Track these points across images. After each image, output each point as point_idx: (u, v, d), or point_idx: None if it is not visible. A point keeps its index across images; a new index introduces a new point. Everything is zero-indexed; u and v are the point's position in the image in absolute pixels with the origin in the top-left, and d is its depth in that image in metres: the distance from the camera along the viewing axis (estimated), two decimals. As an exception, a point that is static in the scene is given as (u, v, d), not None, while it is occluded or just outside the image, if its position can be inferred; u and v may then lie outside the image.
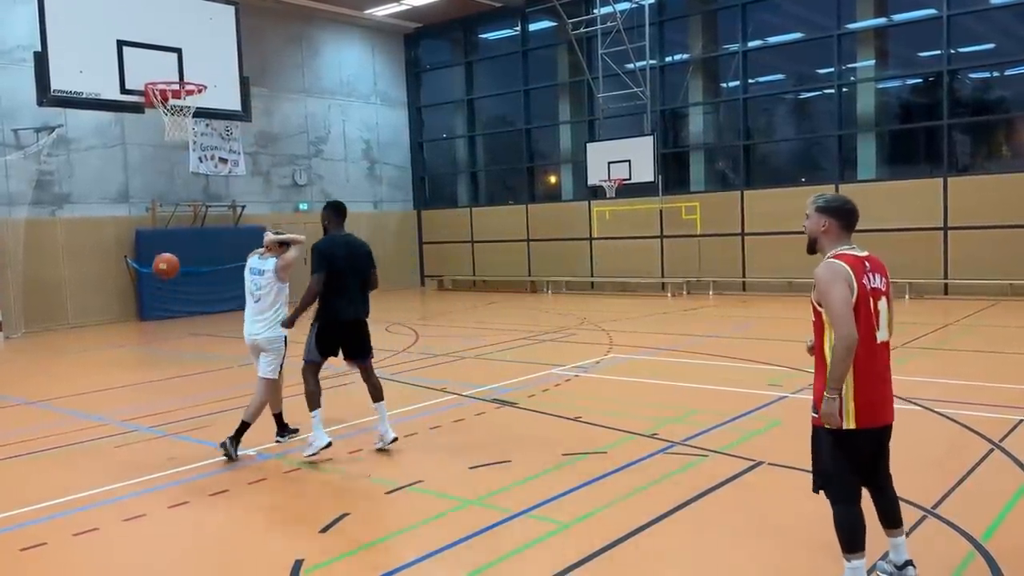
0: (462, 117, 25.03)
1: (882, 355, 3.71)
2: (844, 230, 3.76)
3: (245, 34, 9.25)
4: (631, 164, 18.80)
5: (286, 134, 22.14)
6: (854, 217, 3.78)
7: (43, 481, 6.42)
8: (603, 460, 6.22)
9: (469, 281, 24.38)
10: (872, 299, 3.64)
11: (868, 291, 3.63)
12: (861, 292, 3.60)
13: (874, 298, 3.65)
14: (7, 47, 16.64)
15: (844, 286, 3.56)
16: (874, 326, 3.64)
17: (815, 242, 3.86)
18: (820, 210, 3.80)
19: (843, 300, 3.54)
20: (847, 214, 3.75)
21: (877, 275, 3.71)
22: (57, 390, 10.38)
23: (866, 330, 3.60)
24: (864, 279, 3.64)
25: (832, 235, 3.77)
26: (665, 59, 20.95)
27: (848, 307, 3.54)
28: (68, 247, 17.71)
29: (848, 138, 18.59)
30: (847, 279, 3.58)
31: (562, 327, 14.42)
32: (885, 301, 3.72)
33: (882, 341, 3.70)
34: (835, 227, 3.76)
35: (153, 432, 7.82)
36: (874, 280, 3.68)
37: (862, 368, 3.60)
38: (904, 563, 3.91)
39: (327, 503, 5.54)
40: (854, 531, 3.70)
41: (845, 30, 18.28)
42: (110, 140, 18.46)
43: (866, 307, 3.61)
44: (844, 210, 3.76)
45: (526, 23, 23.09)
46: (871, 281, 3.67)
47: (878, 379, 3.68)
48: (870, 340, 3.62)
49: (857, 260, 3.67)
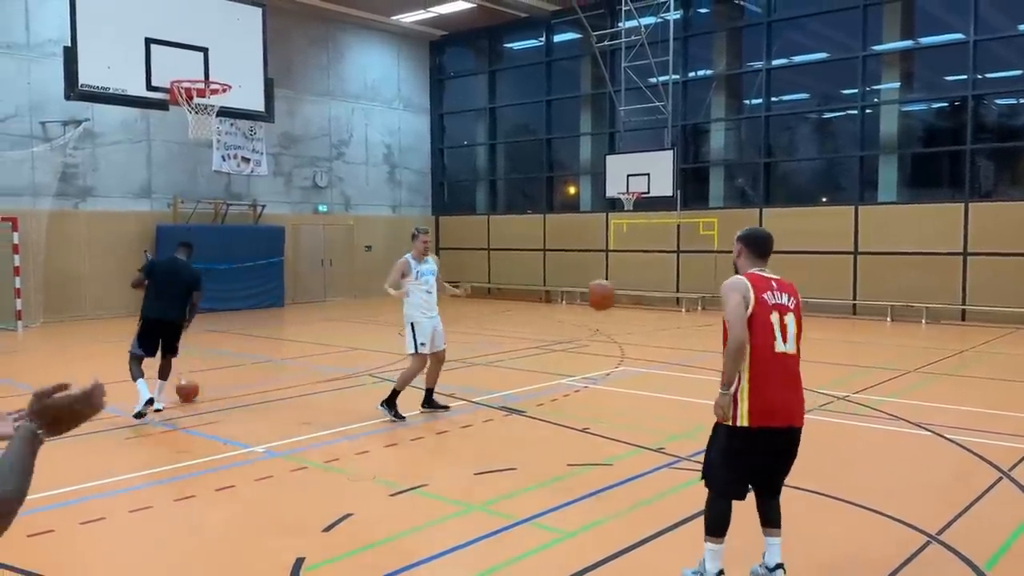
0: (483, 125, 25.14)
1: (783, 364, 4.04)
2: (757, 256, 4.28)
3: (271, 35, 9.36)
4: (650, 178, 18.80)
5: (309, 136, 22.32)
6: (766, 245, 4.31)
7: (53, 469, 6.48)
8: (608, 472, 6.22)
9: (484, 288, 24.42)
10: (778, 313, 4.04)
11: (769, 305, 4.03)
12: (760, 306, 4.01)
13: (779, 312, 4.05)
14: (38, 40, 16.91)
15: (739, 297, 4.01)
16: (773, 336, 4.01)
17: (735, 265, 4.34)
18: (737, 239, 4.35)
19: (735, 308, 3.99)
20: (758, 243, 4.30)
21: (784, 294, 4.13)
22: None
23: (763, 339, 3.99)
24: (765, 295, 4.06)
25: (744, 259, 4.28)
26: (688, 74, 20.95)
27: (739, 315, 3.97)
28: (89, 240, 17.92)
29: (870, 159, 18.51)
30: (744, 292, 4.02)
31: (574, 338, 14.42)
32: (792, 317, 4.09)
33: (782, 352, 4.03)
34: (747, 253, 4.28)
35: (164, 426, 7.90)
36: (779, 297, 4.09)
37: (757, 373, 3.97)
38: (776, 566, 4.18)
39: (331, 503, 5.57)
40: (721, 521, 4.14)
41: (870, 51, 18.22)
42: (135, 135, 18.68)
43: (763, 319, 4.00)
44: (754, 239, 4.31)
45: (551, 34, 23.19)
46: (774, 298, 4.07)
47: (776, 385, 4.00)
48: (767, 348, 4.00)
49: (763, 279, 4.13)
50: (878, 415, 8.20)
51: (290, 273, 21.35)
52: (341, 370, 10.98)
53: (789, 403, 4.05)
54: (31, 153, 16.78)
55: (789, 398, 4.05)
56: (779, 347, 4.01)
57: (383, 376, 10.53)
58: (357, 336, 15.02)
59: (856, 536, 4.98)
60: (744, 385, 3.97)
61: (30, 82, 16.83)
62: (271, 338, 15.00)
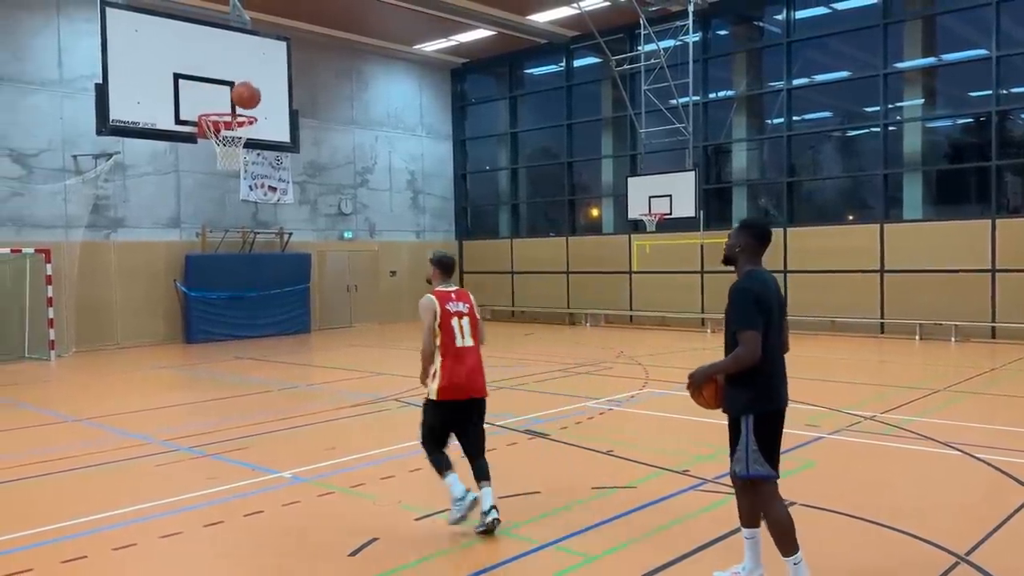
0: (505, 150, 25.35)
1: (466, 354, 5.57)
2: (444, 275, 5.74)
3: (297, 67, 9.56)
4: (672, 199, 18.80)
5: (334, 164, 22.65)
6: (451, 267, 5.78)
7: (86, 496, 6.62)
8: (632, 495, 6.22)
9: (508, 312, 24.50)
10: (456, 318, 5.56)
11: (451, 313, 5.55)
12: (444, 314, 5.53)
13: (457, 317, 5.57)
14: (71, 77, 17.39)
15: (430, 313, 5.53)
16: (455, 335, 5.52)
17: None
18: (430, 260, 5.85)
19: (427, 321, 5.52)
20: (444, 265, 5.75)
21: (460, 302, 5.64)
22: (103, 408, 10.69)
23: (449, 337, 5.51)
24: (448, 305, 5.57)
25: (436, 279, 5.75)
26: (708, 95, 21.03)
27: (428, 327, 5.51)
28: (120, 269, 18.27)
29: (894, 177, 18.41)
30: (434, 308, 5.54)
31: (599, 360, 14.42)
32: (468, 319, 5.61)
33: (463, 346, 5.55)
34: (438, 273, 5.74)
35: (193, 452, 8.01)
36: (458, 305, 5.61)
37: (446, 363, 5.49)
38: (490, 508, 5.38)
39: (357, 527, 5.63)
40: (439, 463, 5.60)
41: (893, 69, 18.18)
42: (164, 167, 19.08)
43: (447, 323, 5.52)
44: (442, 263, 5.75)
45: (571, 59, 23.39)
46: (454, 307, 5.59)
47: (460, 369, 5.51)
48: (452, 344, 5.52)
49: (445, 294, 5.63)
50: (906, 435, 8.12)
51: (316, 299, 21.59)
52: (366, 395, 11.07)
53: (472, 382, 5.56)
54: (64, 186, 17.21)
55: (470, 378, 5.54)
56: (459, 342, 5.54)
57: (408, 401, 10.60)
58: (382, 361, 15.13)
59: (883, 557, 4.94)
60: (437, 371, 5.49)
61: (63, 117, 17.29)
62: (298, 364, 15.16)
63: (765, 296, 4.24)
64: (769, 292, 4.28)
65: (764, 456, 4.22)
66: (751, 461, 4.22)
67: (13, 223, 16.71)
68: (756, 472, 4.23)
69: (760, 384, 4.21)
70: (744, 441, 4.23)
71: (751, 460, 4.22)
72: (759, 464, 4.21)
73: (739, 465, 4.27)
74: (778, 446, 4.31)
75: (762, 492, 4.29)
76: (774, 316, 4.25)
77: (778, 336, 4.29)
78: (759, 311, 4.17)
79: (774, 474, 4.27)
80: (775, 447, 4.28)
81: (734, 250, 4.39)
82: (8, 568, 4.93)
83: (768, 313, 4.21)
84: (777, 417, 4.29)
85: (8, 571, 4.89)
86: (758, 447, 4.21)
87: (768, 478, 4.26)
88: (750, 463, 4.22)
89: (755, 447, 4.21)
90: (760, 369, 4.16)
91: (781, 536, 4.23)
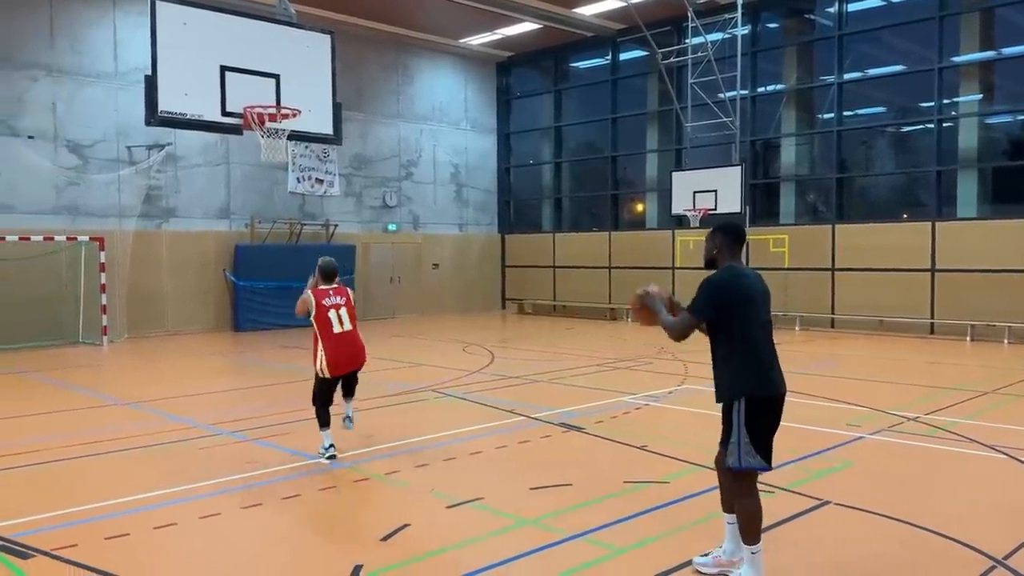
0: (549, 144, 25.32)
1: (342, 338, 7.16)
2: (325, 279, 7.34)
3: (344, 60, 9.70)
4: (717, 194, 18.61)
5: (379, 157, 22.87)
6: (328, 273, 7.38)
7: (131, 476, 6.83)
8: (664, 490, 6.20)
9: (549, 306, 24.49)
10: (335, 309, 7.17)
11: (326, 306, 7.15)
12: (319, 308, 7.12)
13: (335, 309, 7.18)
14: (125, 69, 17.85)
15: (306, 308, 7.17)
16: (331, 323, 7.11)
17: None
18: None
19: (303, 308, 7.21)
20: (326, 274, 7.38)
21: (338, 296, 7.27)
22: (152, 392, 10.99)
23: (326, 326, 7.10)
24: (324, 300, 7.17)
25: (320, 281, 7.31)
26: (757, 89, 20.72)
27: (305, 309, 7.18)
28: (171, 258, 18.72)
29: (948, 174, 17.94)
30: (310, 302, 7.15)
31: (638, 355, 14.35)
32: (346, 310, 7.24)
33: (339, 331, 7.14)
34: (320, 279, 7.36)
35: (236, 436, 8.20)
36: (335, 299, 7.23)
37: (327, 345, 7.11)
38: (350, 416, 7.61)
39: (390, 513, 5.72)
40: (322, 419, 7.19)
41: (948, 63, 17.71)
42: (215, 159, 19.48)
43: (323, 315, 7.12)
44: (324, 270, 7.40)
45: (616, 52, 23.26)
46: (331, 299, 7.21)
47: (340, 351, 7.14)
48: (330, 329, 7.11)
49: (323, 292, 7.23)
50: (950, 436, 7.94)
51: (360, 290, 21.83)
52: (405, 385, 11.19)
53: (349, 359, 7.23)
54: (118, 176, 17.69)
55: (349, 355, 7.21)
56: (336, 328, 7.11)
57: (446, 392, 10.70)
58: (422, 352, 15.27)
59: (918, 558, 4.85)
60: (321, 353, 7.09)
61: (117, 109, 17.76)
62: (340, 354, 15.34)
63: (737, 285, 4.36)
64: (745, 283, 4.39)
65: (756, 447, 4.28)
66: (743, 453, 4.29)
67: (69, 212, 17.24)
68: (749, 464, 4.30)
69: (751, 369, 4.31)
70: (736, 433, 4.29)
71: (743, 452, 4.28)
72: (751, 456, 4.29)
73: (732, 458, 4.33)
74: (771, 436, 4.36)
75: (744, 481, 4.37)
76: (754, 306, 4.37)
77: (762, 326, 4.39)
78: (716, 303, 4.34)
79: (767, 466, 4.35)
80: (768, 437, 4.34)
81: (712, 252, 4.55)
82: (55, 543, 5.13)
83: (745, 302, 4.35)
84: (770, 404, 4.34)
85: (55, 545, 5.08)
86: (750, 439, 4.26)
87: (761, 470, 4.35)
88: (742, 455, 4.29)
89: (747, 439, 4.27)
90: (746, 355, 4.31)
91: (750, 525, 4.34)
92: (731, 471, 4.39)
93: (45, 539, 5.20)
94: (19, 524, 5.50)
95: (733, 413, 4.32)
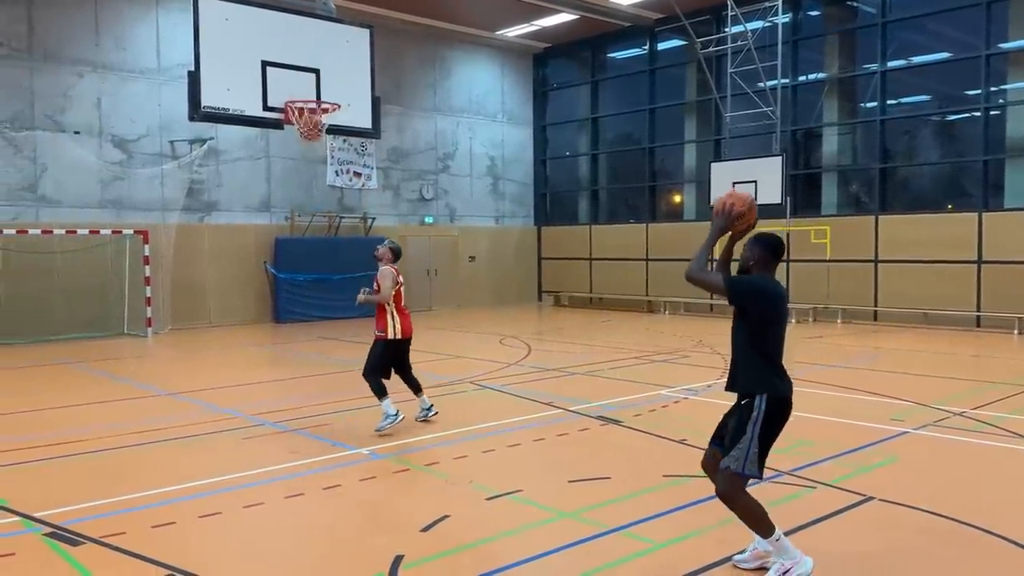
0: (586, 135, 25.20)
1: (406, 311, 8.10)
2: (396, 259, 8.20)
3: (382, 54, 9.77)
4: (757, 185, 18.35)
5: (416, 150, 22.97)
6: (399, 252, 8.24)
7: (176, 466, 6.97)
8: (704, 484, 6.11)
9: (586, 298, 24.43)
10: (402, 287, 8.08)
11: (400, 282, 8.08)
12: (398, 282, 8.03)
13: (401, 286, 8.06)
14: (168, 65, 18.15)
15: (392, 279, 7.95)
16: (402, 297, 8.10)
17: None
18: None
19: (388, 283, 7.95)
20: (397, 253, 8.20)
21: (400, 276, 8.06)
22: (195, 383, 11.20)
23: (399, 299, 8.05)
24: (400, 277, 8.07)
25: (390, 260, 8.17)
26: (798, 78, 20.40)
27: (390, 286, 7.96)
28: (213, 251, 19.02)
29: (995, 163, 17.50)
30: (395, 278, 7.98)
31: (677, 348, 14.26)
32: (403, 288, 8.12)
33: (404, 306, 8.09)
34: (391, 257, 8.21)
35: (278, 427, 8.32)
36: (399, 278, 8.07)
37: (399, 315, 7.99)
38: (429, 406, 8.27)
39: (430, 504, 5.76)
40: (380, 388, 7.87)
41: (996, 50, 17.26)
42: (256, 153, 19.73)
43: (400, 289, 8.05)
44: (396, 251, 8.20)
45: (654, 42, 23.05)
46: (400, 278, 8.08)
47: (407, 320, 8.06)
48: (400, 302, 8.07)
49: (397, 270, 8.09)
50: (997, 432, 7.77)
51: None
52: (443, 377, 11.25)
53: (411, 328, 8.13)
54: (161, 170, 18.01)
55: (410, 325, 8.12)
56: (403, 302, 8.06)
57: (484, 384, 10.74)
58: (460, 345, 15.34)
59: (963, 554, 4.76)
60: (396, 321, 7.93)
61: (160, 104, 18.08)
62: (379, 346, 15.48)
63: (775, 294, 4.43)
64: (778, 290, 4.48)
65: (760, 456, 4.33)
66: (748, 461, 4.31)
67: (114, 206, 17.60)
68: (750, 472, 4.32)
69: (773, 369, 4.39)
70: (749, 438, 4.30)
71: (748, 460, 4.30)
72: (754, 465, 4.32)
73: (736, 462, 4.32)
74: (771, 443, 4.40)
75: (736, 483, 4.37)
76: (780, 310, 4.45)
77: (782, 332, 4.46)
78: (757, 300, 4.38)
79: (760, 479, 4.45)
80: (770, 446, 4.38)
81: (748, 263, 4.51)
82: (103, 530, 5.26)
83: (782, 310, 4.45)
84: (785, 405, 4.38)
85: (103, 533, 5.20)
86: (759, 449, 4.30)
87: (756, 479, 4.40)
88: (747, 463, 4.31)
89: (756, 449, 4.29)
90: (771, 358, 4.39)
91: (758, 522, 4.35)
92: (727, 474, 4.37)
93: (94, 527, 5.34)
94: (69, 512, 5.65)
95: (750, 412, 4.33)
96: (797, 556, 4.34)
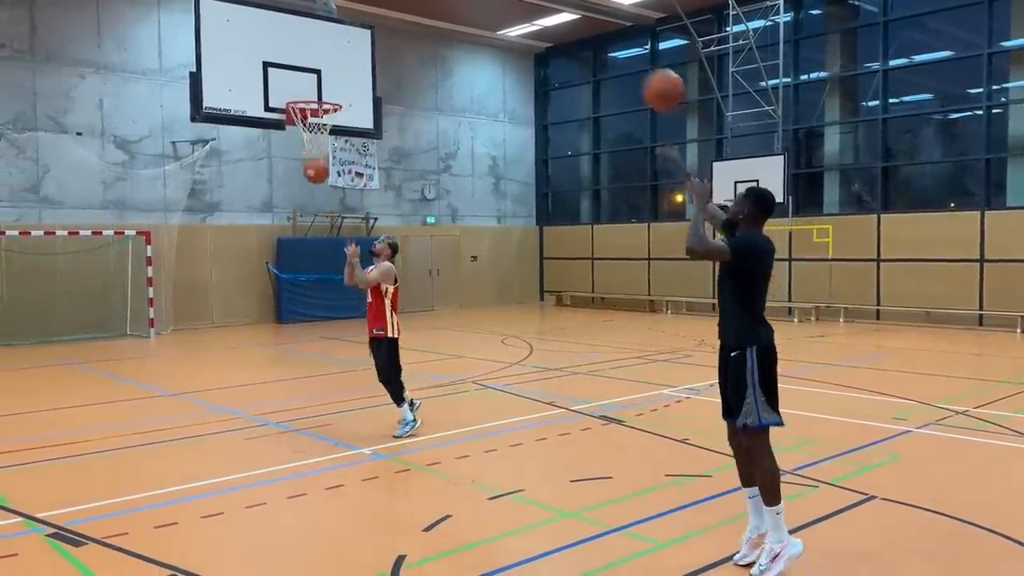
0: (587, 135, 25.20)
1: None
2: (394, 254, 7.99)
3: (383, 54, 9.77)
4: (759, 184, 18.27)
5: (418, 150, 22.98)
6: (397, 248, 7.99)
7: (179, 467, 6.98)
8: (706, 484, 6.16)
9: (588, 298, 24.43)
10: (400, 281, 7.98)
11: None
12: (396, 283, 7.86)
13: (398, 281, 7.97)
14: (170, 66, 18.17)
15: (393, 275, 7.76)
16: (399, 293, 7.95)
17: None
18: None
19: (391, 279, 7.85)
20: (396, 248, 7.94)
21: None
22: (198, 383, 11.21)
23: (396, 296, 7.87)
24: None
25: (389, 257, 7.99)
26: (799, 77, 20.38)
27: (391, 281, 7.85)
28: (215, 252, 19.05)
29: (997, 162, 17.48)
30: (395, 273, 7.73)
31: (678, 348, 14.25)
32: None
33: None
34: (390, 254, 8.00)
35: (280, 427, 8.33)
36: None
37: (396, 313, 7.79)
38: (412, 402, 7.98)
39: (432, 504, 5.77)
40: (402, 393, 7.76)
41: (998, 48, 17.23)
42: (257, 153, 19.75)
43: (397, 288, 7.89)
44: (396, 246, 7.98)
45: (656, 41, 23.04)
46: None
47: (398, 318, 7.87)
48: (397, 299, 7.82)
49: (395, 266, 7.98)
50: (1000, 431, 7.76)
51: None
52: (445, 377, 11.26)
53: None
54: (163, 171, 18.04)
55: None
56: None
57: (486, 384, 10.74)
58: (462, 344, 15.34)
59: (967, 553, 4.76)
60: (395, 319, 7.79)
61: (162, 105, 18.10)
62: (381, 346, 15.49)
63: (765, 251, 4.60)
64: (769, 246, 4.64)
65: (770, 403, 4.43)
66: (761, 411, 4.41)
67: (116, 207, 17.62)
68: (767, 420, 4.41)
69: (760, 322, 4.58)
70: (752, 391, 4.42)
71: (760, 409, 4.41)
72: (767, 412, 4.42)
73: (750, 417, 4.42)
74: (777, 388, 4.52)
75: (762, 441, 4.46)
76: (770, 265, 4.64)
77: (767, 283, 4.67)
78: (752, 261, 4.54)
79: (781, 421, 4.49)
80: (775, 389, 4.50)
81: (737, 216, 4.65)
82: (105, 531, 5.26)
83: (764, 263, 4.61)
84: (772, 350, 4.54)
85: (106, 534, 5.21)
86: (765, 396, 4.41)
87: (777, 425, 4.46)
88: (760, 412, 4.40)
89: (762, 397, 4.40)
90: (758, 309, 4.60)
91: (772, 485, 4.43)
92: (748, 431, 4.44)
93: (97, 527, 5.35)
94: (72, 512, 5.66)
95: (744, 365, 4.45)
96: (787, 538, 4.40)
